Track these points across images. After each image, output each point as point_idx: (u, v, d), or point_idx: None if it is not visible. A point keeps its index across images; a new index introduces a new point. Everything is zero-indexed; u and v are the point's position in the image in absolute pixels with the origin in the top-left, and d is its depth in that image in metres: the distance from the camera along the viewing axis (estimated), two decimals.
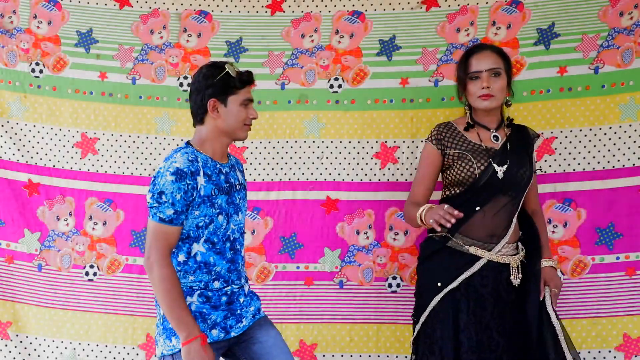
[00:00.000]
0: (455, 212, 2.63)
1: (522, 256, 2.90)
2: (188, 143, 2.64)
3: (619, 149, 3.42)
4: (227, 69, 2.57)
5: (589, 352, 3.44)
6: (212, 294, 2.59)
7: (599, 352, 3.43)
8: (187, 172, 2.47)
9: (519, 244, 2.93)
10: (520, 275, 2.86)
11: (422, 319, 2.87)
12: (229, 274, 2.62)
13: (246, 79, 2.60)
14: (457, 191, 2.92)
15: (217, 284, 2.59)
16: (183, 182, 2.46)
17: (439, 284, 2.84)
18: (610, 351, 3.43)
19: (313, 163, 3.61)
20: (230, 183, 2.63)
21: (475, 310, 2.81)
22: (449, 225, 2.62)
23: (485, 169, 2.84)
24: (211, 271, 2.58)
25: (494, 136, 2.91)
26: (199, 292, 2.58)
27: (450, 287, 2.82)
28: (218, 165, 2.61)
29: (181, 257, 2.57)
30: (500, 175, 2.83)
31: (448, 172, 2.94)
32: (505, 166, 2.84)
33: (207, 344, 2.47)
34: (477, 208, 2.83)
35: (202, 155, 2.58)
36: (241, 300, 2.67)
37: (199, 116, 2.62)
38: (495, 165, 2.84)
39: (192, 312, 2.54)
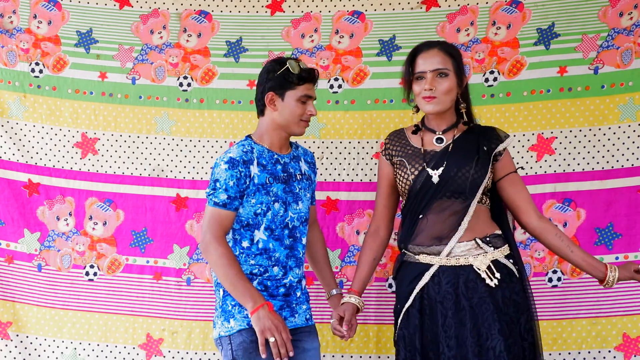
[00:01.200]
0: (344, 329, 2.69)
1: (495, 256, 2.64)
2: (249, 136, 2.77)
3: (618, 150, 3.42)
4: (287, 65, 2.67)
5: (588, 352, 3.44)
6: (271, 283, 2.68)
7: (599, 352, 3.44)
8: (240, 160, 2.62)
9: (488, 241, 2.65)
10: (497, 276, 2.60)
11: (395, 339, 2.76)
12: (286, 260, 2.71)
13: (306, 75, 2.68)
14: (404, 202, 2.79)
15: (275, 270, 2.69)
16: (235, 169, 2.61)
17: (399, 306, 2.72)
18: (610, 351, 3.43)
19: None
20: (288, 172, 2.73)
21: (429, 325, 2.62)
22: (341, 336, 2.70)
23: (418, 173, 2.68)
24: (271, 257, 2.68)
25: (438, 139, 2.72)
26: (258, 279, 2.67)
27: (406, 306, 2.67)
28: (275, 156, 2.73)
29: (245, 244, 2.69)
30: (435, 179, 2.64)
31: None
32: (441, 169, 2.64)
33: (274, 310, 2.55)
34: (420, 216, 2.66)
35: (259, 147, 2.72)
36: (298, 294, 2.76)
37: (259, 108, 2.77)
38: (429, 169, 2.66)
39: None
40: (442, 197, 2.64)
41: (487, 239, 2.65)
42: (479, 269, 2.60)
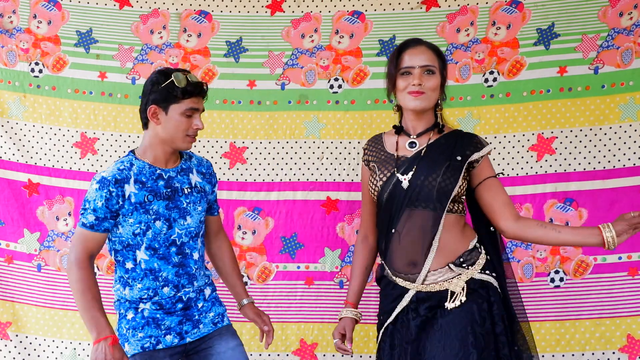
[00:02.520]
0: (348, 347, 2.66)
1: (470, 274, 2.53)
2: (132, 151, 2.62)
3: (619, 149, 3.42)
4: (172, 77, 2.51)
5: (592, 353, 3.43)
6: (165, 301, 2.58)
7: (603, 353, 3.42)
8: (112, 180, 2.48)
9: (461, 262, 2.53)
10: (462, 298, 2.49)
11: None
12: (177, 279, 2.59)
13: (191, 90, 2.51)
14: (377, 212, 2.68)
15: (166, 290, 2.58)
16: (105, 189, 2.47)
17: (382, 317, 2.65)
18: (614, 352, 3.42)
19: (313, 163, 3.61)
20: (173, 188, 2.58)
21: (403, 347, 2.56)
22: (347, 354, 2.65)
23: (387, 179, 2.57)
24: (158, 277, 2.57)
25: (411, 143, 2.60)
26: (152, 301, 2.58)
27: (388, 321, 2.60)
28: (158, 171, 2.57)
29: (129, 265, 2.58)
30: (405, 184, 2.52)
31: None
32: (411, 173, 2.53)
33: (117, 344, 2.44)
34: (393, 230, 2.55)
35: (140, 162, 2.56)
36: (199, 305, 2.66)
37: (142, 121, 2.61)
38: (398, 175, 2.55)
39: (144, 318, 2.58)
40: (410, 205, 2.53)
41: (461, 259, 2.53)
42: (453, 292, 2.51)
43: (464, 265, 2.53)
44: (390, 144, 2.65)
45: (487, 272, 2.56)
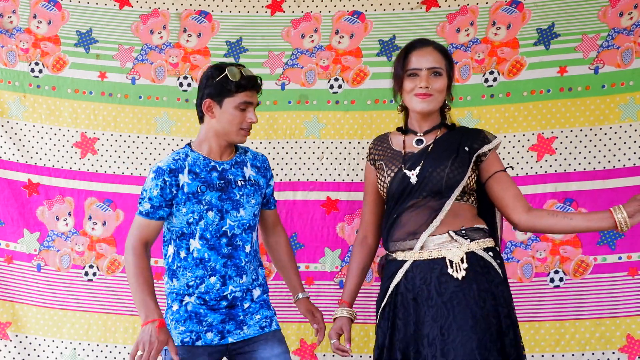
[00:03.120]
0: (347, 347, 2.67)
1: (471, 247, 2.50)
2: (189, 143, 2.70)
3: (619, 149, 3.41)
4: (226, 72, 2.58)
5: (592, 353, 3.42)
6: (209, 297, 2.61)
7: (603, 353, 3.42)
8: (167, 170, 2.57)
9: (463, 233, 2.51)
10: (464, 266, 2.45)
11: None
12: (225, 269, 2.62)
13: (245, 83, 2.58)
14: (386, 206, 2.67)
15: (212, 280, 2.61)
16: (160, 179, 2.56)
17: (378, 302, 2.63)
18: (614, 352, 3.41)
19: (313, 163, 3.61)
20: (226, 180, 2.63)
21: (402, 324, 2.52)
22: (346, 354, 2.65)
23: (394, 175, 2.58)
24: (206, 267, 2.61)
25: (417, 140, 2.61)
26: (196, 294, 2.61)
27: (382, 304, 2.58)
28: (212, 163, 2.64)
29: (182, 254, 2.63)
30: (413, 179, 2.53)
31: None
32: (418, 168, 2.53)
33: (164, 328, 2.47)
34: (395, 215, 2.57)
35: (195, 154, 2.64)
36: (245, 305, 2.67)
37: (198, 115, 2.69)
38: (405, 170, 2.55)
39: (187, 312, 2.61)
40: (417, 197, 2.53)
41: (463, 231, 2.51)
42: (451, 261, 2.48)
43: (465, 237, 2.51)
44: (397, 142, 2.66)
45: (490, 254, 2.52)
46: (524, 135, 3.47)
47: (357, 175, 3.57)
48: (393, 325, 2.53)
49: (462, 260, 2.47)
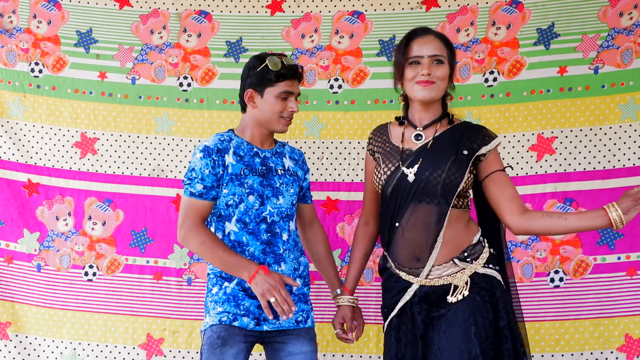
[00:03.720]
0: (349, 336, 2.74)
1: (474, 268, 2.52)
2: (231, 129, 2.75)
3: (619, 149, 3.42)
4: (267, 62, 2.61)
5: (591, 353, 3.43)
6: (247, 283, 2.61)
7: (601, 353, 3.42)
8: (214, 149, 2.60)
9: (465, 257, 2.51)
10: (465, 292, 2.48)
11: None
12: (264, 256, 2.64)
13: (285, 72, 2.62)
14: (381, 204, 2.65)
15: None
16: (210, 158, 2.58)
17: (385, 310, 2.65)
18: (612, 352, 3.42)
19: (313, 163, 3.61)
20: (267, 166, 2.68)
21: (409, 339, 2.56)
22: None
23: (391, 173, 2.55)
24: (244, 251, 2.63)
25: (417, 135, 2.58)
26: (236, 279, 2.62)
27: (391, 314, 2.61)
28: (255, 149, 2.69)
29: (219, 235, 2.65)
30: (411, 178, 2.50)
31: None
32: (417, 166, 2.50)
33: (270, 271, 2.52)
34: (397, 224, 2.53)
35: (238, 139, 2.69)
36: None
37: (241, 104, 2.74)
38: (404, 168, 2.52)
39: (225, 295, 2.62)
40: (415, 200, 2.51)
41: (465, 254, 2.52)
42: (456, 286, 2.50)
43: (468, 259, 2.51)
44: (395, 135, 2.63)
45: (491, 266, 2.55)
46: (523, 135, 3.47)
47: (357, 175, 3.57)
48: (406, 339, 2.57)
49: (466, 283, 2.50)
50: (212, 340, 2.60)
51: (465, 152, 2.51)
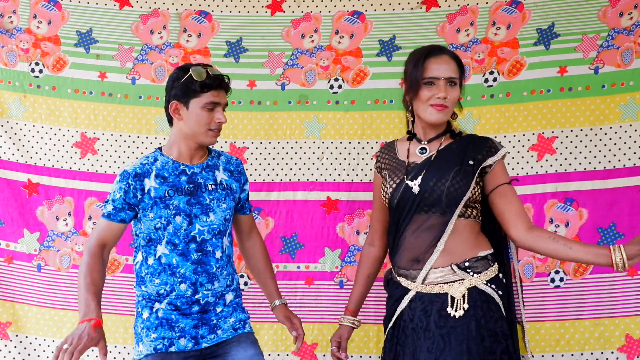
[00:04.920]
0: (342, 355, 2.70)
1: (473, 282, 2.45)
2: (160, 147, 2.65)
3: (619, 149, 3.42)
4: (191, 72, 2.52)
5: (591, 353, 3.43)
6: (181, 302, 2.56)
7: (602, 353, 3.42)
8: (132, 174, 2.53)
9: (466, 267, 2.46)
10: (465, 306, 2.42)
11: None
12: (195, 276, 2.56)
13: (209, 83, 2.52)
14: (389, 216, 2.62)
15: (183, 287, 2.55)
16: (125, 182, 2.52)
17: (386, 322, 2.62)
18: (612, 352, 3.42)
19: (313, 163, 3.61)
20: (195, 183, 2.58)
21: (400, 350, 2.52)
22: None
23: (396, 186, 2.52)
24: (175, 273, 2.55)
25: (421, 149, 2.54)
26: (167, 300, 2.56)
27: (389, 325, 2.57)
28: (181, 167, 2.58)
29: (150, 261, 2.58)
30: (415, 189, 2.47)
31: None
32: (420, 178, 2.47)
33: (99, 328, 2.39)
34: (401, 233, 2.52)
35: (164, 158, 2.59)
36: (218, 310, 2.62)
37: (167, 118, 2.65)
38: (407, 181, 2.49)
39: (158, 319, 2.56)
40: (420, 211, 2.47)
41: (466, 264, 2.46)
42: (452, 297, 2.43)
43: (468, 270, 2.45)
44: (402, 151, 2.60)
45: (493, 286, 2.47)
46: (524, 135, 3.47)
47: (357, 175, 3.58)
48: (397, 349, 2.55)
49: (463, 296, 2.43)
50: None
51: (471, 163, 2.46)
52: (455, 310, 2.42)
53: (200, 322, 2.58)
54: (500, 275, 2.52)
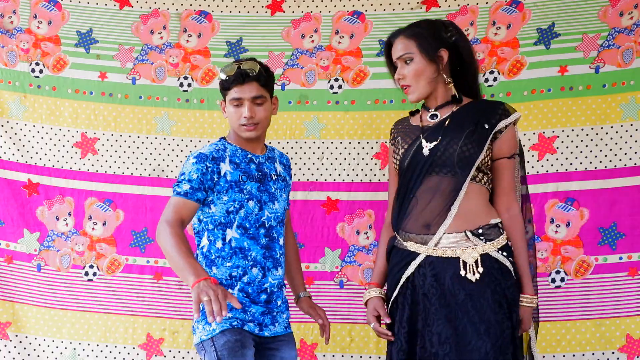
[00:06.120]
0: (388, 331, 2.53)
1: (486, 249, 2.45)
2: (223, 137, 2.73)
3: (620, 149, 3.41)
4: (221, 69, 2.62)
5: (592, 353, 3.42)
6: (252, 289, 2.60)
7: (603, 353, 3.41)
8: (209, 156, 2.57)
9: (480, 233, 2.46)
10: (480, 269, 2.41)
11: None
12: (264, 260, 2.63)
13: (232, 79, 2.58)
14: (398, 183, 2.61)
15: (255, 271, 2.60)
16: (202, 164, 2.55)
17: (388, 294, 2.58)
18: (613, 352, 3.40)
19: (313, 164, 3.61)
20: (263, 172, 2.66)
21: (412, 317, 2.47)
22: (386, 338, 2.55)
23: (408, 147, 2.55)
24: (247, 256, 2.60)
25: (432, 115, 2.55)
26: (238, 285, 2.59)
27: (393, 295, 2.53)
28: (249, 155, 2.66)
29: (218, 244, 2.61)
30: (425, 151, 2.48)
31: None
32: (435, 143, 2.48)
33: (217, 283, 2.40)
34: (411, 196, 2.50)
35: (232, 146, 2.66)
36: (279, 302, 2.68)
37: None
38: (422, 140, 2.51)
39: None
40: (431, 172, 2.48)
41: (480, 231, 2.45)
42: (465, 262, 2.42)
43: (481, 237, 2.45)
44: (414, 120, 2.63)
45: (505, 254, 2.47)
46: (524, 134, 3.47)
47: (357, 175, 3.58)
48: (407, 317, 2.49)
49: (476, 262, 2.42)
50: (231, 344, 2.54)
51: (486, 126, 2.48)
52: (472, 274, 2.41)
53: (267, 311, 2.63)
54: (509, 241, 2.52)
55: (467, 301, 2.39)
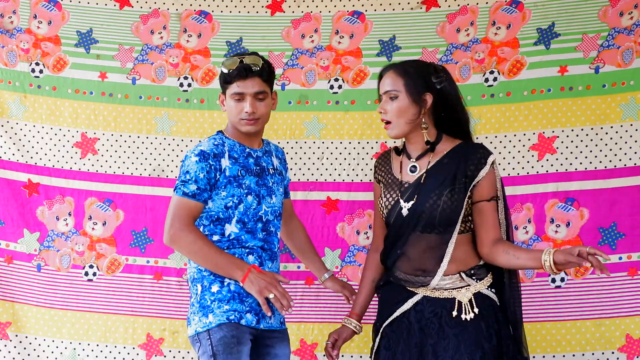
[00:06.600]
0: (334, 353, 2.69)
1: (478, 288, 2.54)
2: (220, 131, 2.74)
3: (620, 149, 3.41)
4: (222, 62, 2.65)
5: (592, 353, 3.42)
6: None
7: (602, 353, 3.41)
8: (211, 153, 2.58)
9: (472, 274, 2.55)
10: (475, 310, 2.50)
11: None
12: (262, 252, 2.65)
13: (234, 73, 2.60)
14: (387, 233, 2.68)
15: (251, 258, 2.62)
16: (206, 162, 2.56)
17: (378, 324, 2.64)
18: (613, 352, 3.41)
19: (313, 164, 3.61)
20: (261, 166, 2.68)
21: (405, 349, 2.53)
22: None
23: (391, 207, 2.58)
24: (244, 246, 2.62)
25: (411, 167, 2.57)
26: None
27: (385, 323, 2.59)
28: (247, 150, 2.68)
29: (215, 238, 2.63)
30: (404, 212, 2.53)
31: None
32: (411, 202, 2.52)
33: (261, 269, 2.51)
34: (398, 251, 2.56)
35: (230, 141, 2.67)
36: None
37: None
38: (402, 201, 2.54)
39: (230, 292, 2.59)
40: (415, 230, 2.53)
41: (472, 271, 2.55)
42: (461, 302, 2.51)
43: (473, 277, 2.55)
44: (396, 166, 2.65)
45: (493, 290, 2.59)
46: (524, 134, 3.47)
47: (357, 175, 3.58)
48: (398, 347, 2.55)
49: (470, 302, 2.51)
50: (227, 340, 2.55)
51: (464, 180, 2.50)
52: (467, 314, 2.49)
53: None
54: (493, 275, 2.61)
55: (463, 332, 2.48)
